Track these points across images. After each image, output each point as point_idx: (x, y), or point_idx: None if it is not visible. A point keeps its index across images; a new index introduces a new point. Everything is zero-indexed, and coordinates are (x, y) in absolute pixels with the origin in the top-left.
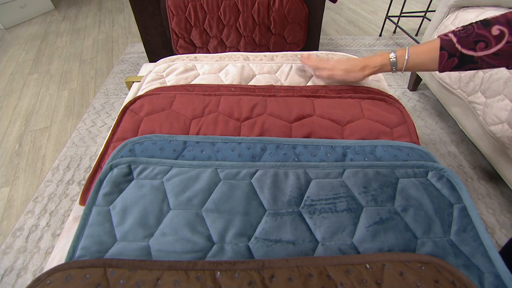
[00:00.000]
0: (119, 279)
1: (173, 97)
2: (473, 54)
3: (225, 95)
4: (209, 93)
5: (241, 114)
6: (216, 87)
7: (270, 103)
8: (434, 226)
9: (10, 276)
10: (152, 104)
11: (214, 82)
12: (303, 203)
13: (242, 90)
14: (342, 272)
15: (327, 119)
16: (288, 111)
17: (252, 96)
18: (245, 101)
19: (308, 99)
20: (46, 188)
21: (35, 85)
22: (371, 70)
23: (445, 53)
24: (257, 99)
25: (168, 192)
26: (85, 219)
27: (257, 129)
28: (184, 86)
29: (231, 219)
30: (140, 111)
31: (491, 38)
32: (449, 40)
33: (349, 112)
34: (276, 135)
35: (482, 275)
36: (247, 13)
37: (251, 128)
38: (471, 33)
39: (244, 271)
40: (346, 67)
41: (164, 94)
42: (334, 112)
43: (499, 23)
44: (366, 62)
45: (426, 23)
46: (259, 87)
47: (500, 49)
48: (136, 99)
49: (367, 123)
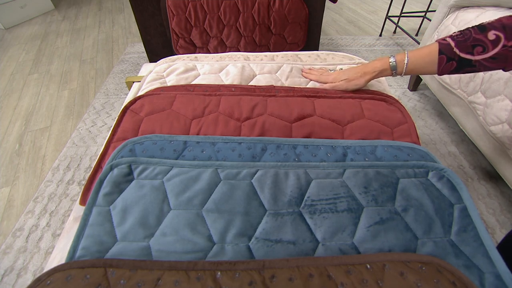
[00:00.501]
0: (119, 279)
1: (174, 97)
2: (471, 58)
3: (226, 95)
4: (209, 93)
5: (242, 114)
6: (216, 87)
7: (270, 103)
8: (435, 226)
9: (10, 276)
10: (152, 104)
11: (215, 82)
12: (304, 203)
13: (242, 90)
14: (343, 272)
15: (328, 119)
16: (289, 111)
17: (252, 96)
18: (245, 101)
19: (308, 99)
20: (46, 188)
21: (35, 85)
22: (371, 75)
23: (443, 56)
24: (257, 99)
25: (169, 192)
26: (86, 219)
27: (257, 129)
28: (185, 86)
29: (232, 219)
30: (140, 111)
31: (488, 42)
32: (447, 44)
33: (349, 112)
34: (276, 135)
35: (482, 275)
36: (247, 13)
37: (251, 128)
38: (468, 38)
39: (245, 271)
40: (347, 76)
41: (164, 94)
42: (334, 112)
43: (494, 28)
44: (366, 68)
45: (426, 23)
46: (259, 87)
47: (497, 52)
48: (136, 99)
49: (368, 123)
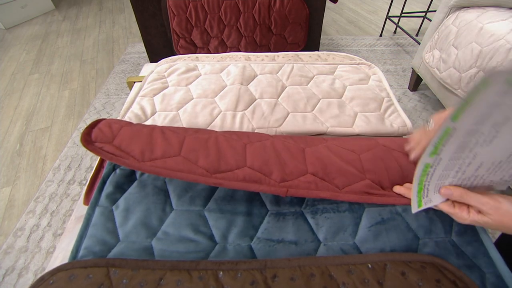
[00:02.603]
0: (122, 278)
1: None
2: None
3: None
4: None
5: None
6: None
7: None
8: (435, 226)
9: (12, 276)
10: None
11: (216, 82)
12: (305, 203)
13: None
14: (344, 272)
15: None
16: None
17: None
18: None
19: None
20: (47, 188)
21: (36, 85)
22: None
23: None
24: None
25: (171, 192)
26: (88, 219)
27: None
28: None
29: (234, 219)
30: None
31: None
32: None
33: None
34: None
35: (483, 275)
36: (248, 13)
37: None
38: None
39: (247, 271)
40: None
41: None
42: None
43: None
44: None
45: (426, 23)
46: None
47: None
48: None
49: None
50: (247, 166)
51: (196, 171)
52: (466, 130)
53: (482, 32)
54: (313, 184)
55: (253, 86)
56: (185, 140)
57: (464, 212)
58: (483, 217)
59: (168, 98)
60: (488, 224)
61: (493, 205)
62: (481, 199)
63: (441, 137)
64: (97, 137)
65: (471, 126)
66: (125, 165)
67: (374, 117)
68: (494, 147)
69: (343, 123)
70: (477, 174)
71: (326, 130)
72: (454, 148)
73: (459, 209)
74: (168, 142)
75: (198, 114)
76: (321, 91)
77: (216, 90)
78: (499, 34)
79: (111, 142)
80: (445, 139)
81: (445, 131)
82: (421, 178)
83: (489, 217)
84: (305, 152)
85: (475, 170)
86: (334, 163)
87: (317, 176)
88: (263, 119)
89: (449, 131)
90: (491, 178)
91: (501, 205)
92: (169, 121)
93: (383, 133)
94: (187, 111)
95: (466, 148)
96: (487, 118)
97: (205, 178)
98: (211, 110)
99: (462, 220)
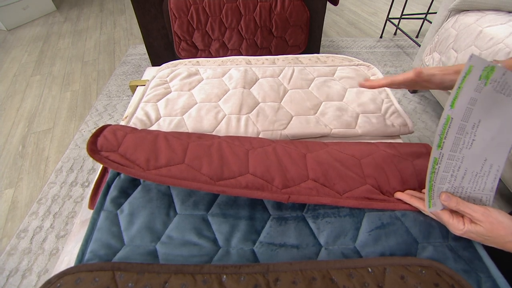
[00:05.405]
0: (127, 282)
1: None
2: None
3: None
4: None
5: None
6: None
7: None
8: (434, 231)
9: (15, 277)
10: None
11: (219, 87)
12: (307, 208)
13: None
14: (345, 276)
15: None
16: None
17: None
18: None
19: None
20: (49, 190)
21: (37, 87)
22: None
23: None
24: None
25: (175, 197)
26: (94, 223)
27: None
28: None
29: (236, 223)
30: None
31: None
32: None
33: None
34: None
35: (480, 280)
36: (249, 16)
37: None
38: None
39: (250, 274)
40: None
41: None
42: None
43: None
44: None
45: (426, 25)
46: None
47: None
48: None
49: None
50: (250, 172)
51: (200, 179)
52: (459, 120)
53: (482, 35)
54: (314, 190)
55: (256, 89)
56: (188, 146)
57: (460, 222)
58: (475, 226)
59: (172, 103)
60: (480, 233)
61: (484, 212)
62: (473, 206)
63: (444, 126)
64: (102, 146)
65: (462, 114)
66: (130, 175)
67: (375, 117)
68: (473, 151)
69: (346, 124)
70: (463, 185)
71: (330, 132)
72: (451, 143)
73: (456, 219)
74: (172, 150)
75: (203, 118)
76: (322, 93)
77: (219, 94)
78: (498, 37)
79: (116, 150)
80: (446, 129)
81: (447, 119)
82: (431, 175)
83: (481, 224)
84: (306, 157)
85: (462, 178)
86: (335, 168)
87: (318, 182)
88: (267, 122)
89: (449, 119)
90: (473, 195)
91: (491, 213)
92: (174, 126)
93: (385, 133)
94: (192, 115)
95: (458, 146)
96: (471, 113)
97: (208, 186)
98: (216, 114)
99: (458, 230)
